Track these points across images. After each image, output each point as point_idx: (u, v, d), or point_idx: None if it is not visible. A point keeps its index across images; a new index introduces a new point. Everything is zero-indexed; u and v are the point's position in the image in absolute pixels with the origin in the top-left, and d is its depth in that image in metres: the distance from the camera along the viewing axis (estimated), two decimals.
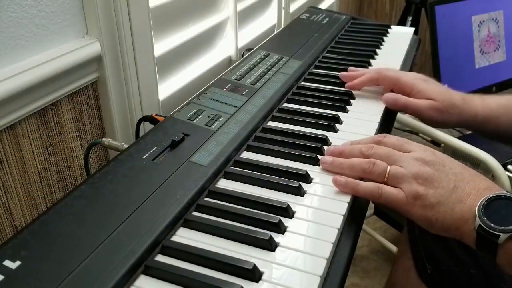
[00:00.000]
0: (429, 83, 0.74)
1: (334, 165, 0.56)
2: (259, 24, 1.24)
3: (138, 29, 0.75)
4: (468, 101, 0.72)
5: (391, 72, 0.76)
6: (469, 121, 0.72)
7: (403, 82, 0.74)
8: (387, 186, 0.52)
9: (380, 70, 0.77)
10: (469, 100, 0.72)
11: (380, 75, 0.75)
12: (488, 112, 0.71)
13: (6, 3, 0.58)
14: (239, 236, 0.46)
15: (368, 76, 0.76)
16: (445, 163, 0.53)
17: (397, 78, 0.74)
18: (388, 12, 2.48)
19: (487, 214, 0.47)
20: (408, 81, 0.73)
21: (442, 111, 0.70)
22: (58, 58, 0.65)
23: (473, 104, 0.72)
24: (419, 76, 0.75)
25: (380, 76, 0.75)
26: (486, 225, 0.46)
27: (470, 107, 0.71)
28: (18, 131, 0.63)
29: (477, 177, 0.51)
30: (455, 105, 0.71)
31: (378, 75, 0.76)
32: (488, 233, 0.46)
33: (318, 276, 0.42)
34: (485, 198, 0.48)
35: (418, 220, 0.51)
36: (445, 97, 0.71)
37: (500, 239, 0.45)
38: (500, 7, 1.57)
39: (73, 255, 0.41)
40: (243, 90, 0.72)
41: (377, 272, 1.52)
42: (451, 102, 0.71)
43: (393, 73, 0.75)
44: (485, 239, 0.46)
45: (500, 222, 0.46)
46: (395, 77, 0.75)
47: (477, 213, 0.47)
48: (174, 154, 0.56)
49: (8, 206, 0.63)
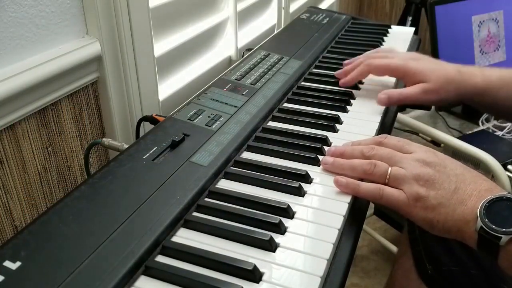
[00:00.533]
0: (421, 61, 0.73)
1: (335, 165, 0.56)
2: (259, 24, 1.24)
3: (138, 29, 0.75)
4: (465, 73, 0.71)
5: (379, 61, 0.75)
6: (467, 93, 0.71)
7: (393, 67, 0.74)
8: (388, 187, 0.52)
9: (369, 60, 0.76)
10: (466, 72, 0.71)
11: (370, 67, 0.75)
12: (487, 83, 0.70)
13: (6, 3, 0.58)
14: (239, 237, 0.46)
15: (359, 70, 0.76)
16: (446, 164, 0.52)
17: (387, 64, 0.74)
18: (388, 12, 2.48)
19: (488, 216, 0.46)
20: (398, 66, 0.73)
21: (437, 91, 0.70)
22: (58, 58, 0.65)
23: (472, 76, 0.70)
24: (409, 56, 0.75)
25: (371, 68, 0.75)
26: (488, 227, 0.46)
27: (468, 79, 0.70)
28: (18, 131, 0.62)
29: (479, 178, 0.51)
30: (450, 80, 0.70)
31: (368, 67, 0.75)
32: (489, 235, 0.46)
33: (318, 277, 0.42)
34: (487, 200, 0.47)
35: (419, 221, 0.51)
36: (439, 74, 0.70)
37: (501, 241, 0.45)
38: (500, 7, 1.57)
39: (73, 256, 0.41)
40: (243, 90, 0.72)
41: (377, 272, 1.52)
42: (446, 78, 0.70)
43: (382, 62, 0.75)
44: (486, 241, 0.46)
45: (502, 224, 0.45)
46: (385, 64, 0.74)
47: (479, 215, 0.47)
48: (174, 154, 0.56)
49: (8, 206, 0.63)
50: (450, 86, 0.70)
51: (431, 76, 0.70)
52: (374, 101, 0.74)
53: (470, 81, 0.70)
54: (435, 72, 0.70)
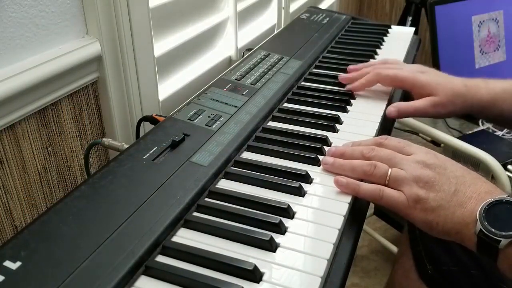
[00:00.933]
0: (428, 74, 0.74)
1: (335, 166, 0.56)
2: (259, 24, 1.24)
3: (138, 29, 0.75)
4: (472, 87, 0.72)
5: (388, 71, 0.75)
6: (473, 106, 0.72)
7: (401, 78, 0.74)
8: (388, 188, 0.52)
9: (378, 70, 0.76)
10: (472, 86, 0.72)
11: (379, 76, 0.75)
12: (493, 96, 0.71)
13: (6, 3, 0.58)
14: (239, 237, 0.46)
15: (368, 78, 0.76)
16: (446, 166, 0.52)
17: (395, 75, 0.74)
18: (388, 12, 2.48)
19: (488, 219, 0.46)
20: (407, 77, 0.74)
21: (445, 104, 0.71)
22: (58, 58, 0.65)
23: (477, 90, 0.71)
24: (416, 68, 0.75)
25: (380, 77, 0.75)
26: (487, 230, 0.46)
27: (474, 93, 0.71)
28: (18, 131, 0.62)
29: (479, 180, 0.51)
30: (458, 94, 0.71)
31: (377, 77, 0.76)
32: (489, 238, 0.46)
33: (318, 277, 0.42)
34: (486, 203, 0.47)
35: (418, 223, 0.51)
36: (446, 88, 0.71)
37: (501, 244, 0.45)
38: (500, 7, 1.57)
39: (73, 256, 0.41)
40: (243, 90, 0.72)
41: (377, 272, 1.52)
42: (453, 92, 0.71)
43: (391, 72, 0.75)
44: (486, 244, 0.46)
45: (501, 227, 0.45)
46: (393, 75, 0.75)
47: (478, 218, 0.47)
48: (175, 155, 0.56)
49: (8, 206, 0.63)
50: (457, 99, 0.71)
51: (439, 89, 0.71)
52: (375, 102, 0.75)
53: (476, 95, 0.71)
54: (443, 86, 0.71)
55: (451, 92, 0.71)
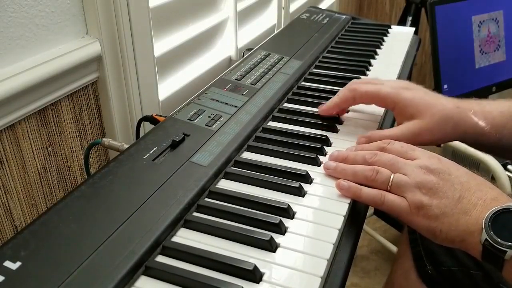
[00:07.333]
0: (413, 91, 0.63)
1: (337, 171, 0.55)
2: (259, 24, 1.24)
3: (138, 29, 0.75)
4: (465, 110, 0.61)
5: (367, 87, 0.65)
6: (467, 133, 0.61)
7: (383, 95, 0.63)
8: (390, 194, 0.51)
9: (354, 86, 0.66)
10: (466, 108, 0.61)
11: (356, 92, 0.65)
12: (490, 121, 0.61)
13: (6, 3, 0.58)
14: (239, 237, 0.46)
15: (340, 95, 0.66)
16: (451, 171, 0.51)
17: (377, 91, 0.64)
18: (388, 12, 2.48)
19: (494, 228, 0.45)
20: (389, 94, 0.63)
21: (432, 130, 0.60)
22: (58, 58, 0.65)
23: (471, 113, 0.61)
24: (400, 85, 0.65)
25: (356, 94, 0.65)
26: (493, 240, 0.44)
27: (467, 117, 0.61)
28: (18, 131, 0.62)
29: (484, 186, 0.49)
30: (448, 118, 0.60)
31: (353, 93, 0.65)
32: (494, 248, 0.44)
33: (318, 277, 0.42)
34: (493, 211, 0.46)
35: (421, 230, 0.50)
36: (434, 110, 0.60)
37: (507, 255, 0.44)
38: (500, 7, 1.57)
39: (73, 256, 0.41)
40: (243, 90, 0.72)
41: (377, 272, 1.52)
42: (442, 116, 0.60)
43: (369, 88, 0.65)
44: (491, 253, 0.45)
45: (508, 238, 0.44)
46: (373, 91, 0.64)
47: (484, 227, 0.45)
48: (175, 155, 0.56)
49: (8, 206, 0.63)
50: (447, 125, 0.60)
51: (425, 111, 0.60)
52: None
53: (470, 120, 0.61)
54: (430, 108, 0.60)
55: (439, 115, 0.60)
